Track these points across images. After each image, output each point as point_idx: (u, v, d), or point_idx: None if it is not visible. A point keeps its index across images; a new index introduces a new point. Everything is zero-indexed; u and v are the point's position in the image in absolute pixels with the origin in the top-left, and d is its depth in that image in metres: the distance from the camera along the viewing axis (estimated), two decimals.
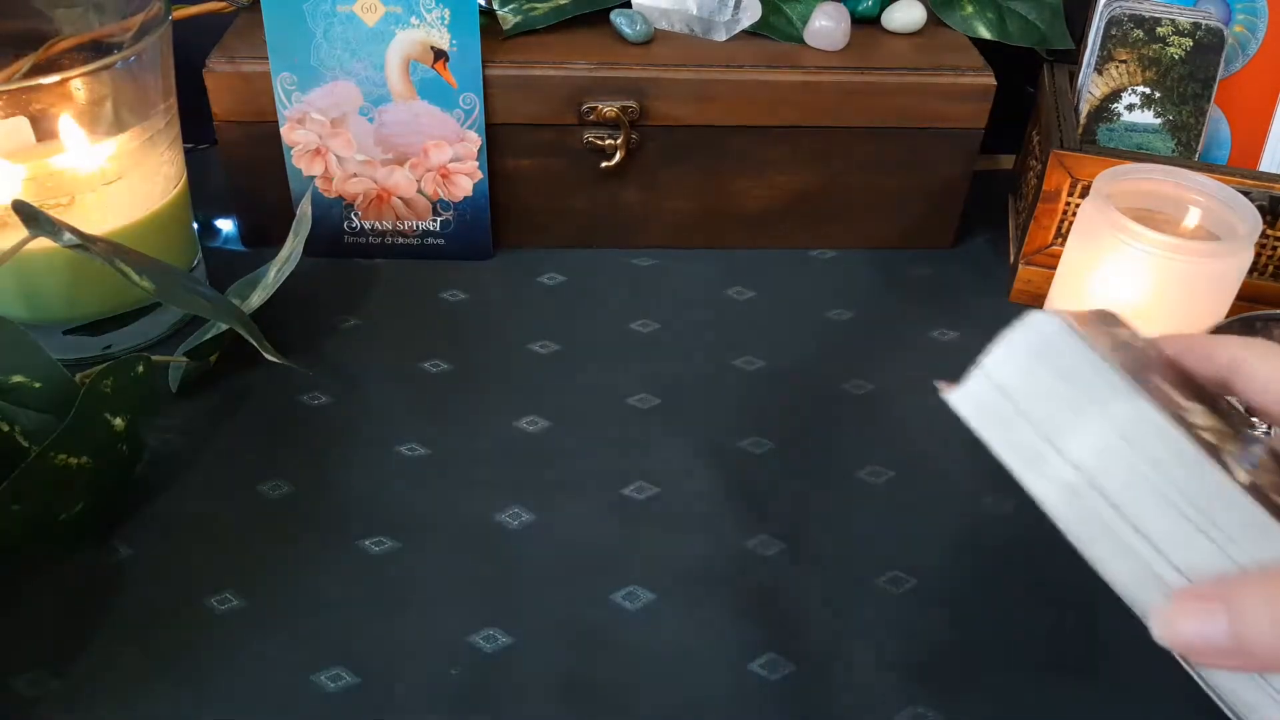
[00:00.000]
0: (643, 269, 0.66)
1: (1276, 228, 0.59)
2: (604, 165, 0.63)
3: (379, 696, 0.41)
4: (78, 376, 0.46)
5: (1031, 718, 0.42)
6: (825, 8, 0.63)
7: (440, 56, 0.59)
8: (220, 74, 0.60)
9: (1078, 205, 0.60)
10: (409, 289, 0.63)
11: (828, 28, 0.63)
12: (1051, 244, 0.62)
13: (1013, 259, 0.66)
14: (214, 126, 0.62)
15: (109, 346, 0.57)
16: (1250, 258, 0.52)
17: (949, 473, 0.52)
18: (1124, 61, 0.62)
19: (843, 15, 0.63)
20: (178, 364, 0.54)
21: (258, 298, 0.56)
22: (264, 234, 0.65)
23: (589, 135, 0.63)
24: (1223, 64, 0.61)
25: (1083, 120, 0.63)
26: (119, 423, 0.45)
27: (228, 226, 0.68)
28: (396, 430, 0.53)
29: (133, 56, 0.53)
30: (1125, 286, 0.53)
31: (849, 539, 0.49)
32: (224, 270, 0.63)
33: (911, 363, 0.59)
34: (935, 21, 0.67)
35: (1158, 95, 0.62)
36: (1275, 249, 0.59)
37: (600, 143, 0.63)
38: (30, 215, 0.46)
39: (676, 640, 0.44)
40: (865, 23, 0.67)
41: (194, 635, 0.43)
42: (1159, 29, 0.61)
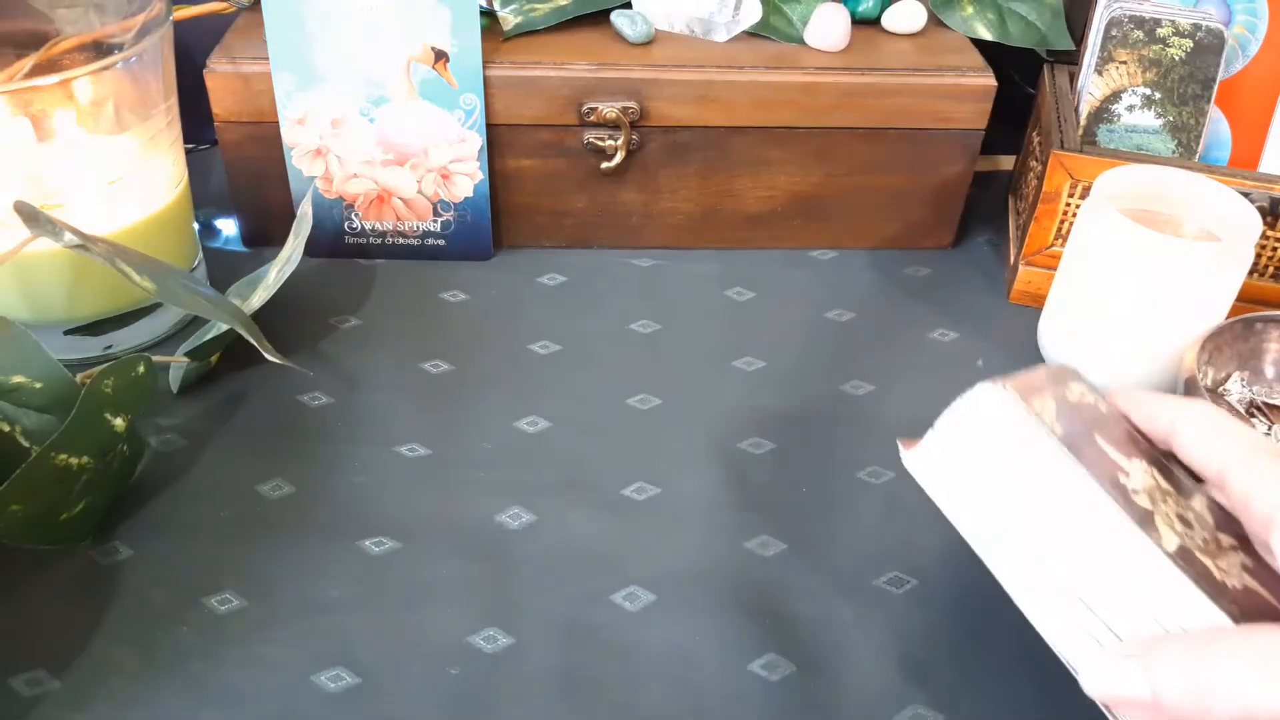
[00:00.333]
0: (643, 269, 0.66)
1: (1276, 228, 0.59)
2: (604, 166, 0.63)
3: (379, 696, 0.41)
4: (78, 376, 0.46)
5: (1031, 718, 0.42)
6: (825, 9, 0.63)
7: (441, 57, 0.59)
8: (221, 74, 0.60)
9: (1078, 206, 0.60)
10: (409, 289, 0.63)
11: (828, 29, 0.63)
12: (1051, 245, 0.62)
13: (1013, 260, 0.66)
14: (214, 127, 0.62)
15: (110, 347, 0.57)
16: (1250, 258, 0.52)
17: None
18: (1124, 62, 0.62)
19: (843, 16, 0.63)
20: (178, 364, 0.54)
21: (258, 298, 0.56)
22: (264, 234, 0.65)
23: (589, 136, 0.63)
24: (1223, 65, 0.61)
25: (1083, 121, 0.63)
26: (119, 423, 0.45)
27: (228, 227, 0.68)
28: (396, 430, 0.53)
29: (134, 57, 0.53)
30: (1125, 288, 0.53)
31: (849, 539, 0.49)
32: (224, 270, 0.63)
33: (911, 363, 0.59)
34: (935, 22, 0.67)
35: (1158, 96, 0.62)
36: (1275, 249, 0.59)
37: (600, 143, 0.63)
38: (31, 215, 0.46)
39: (676, 640, 0.44)
40: (866, 23, 0.67)
41: (194, 635, 0.43)
42: (1159, 30, 0.61)
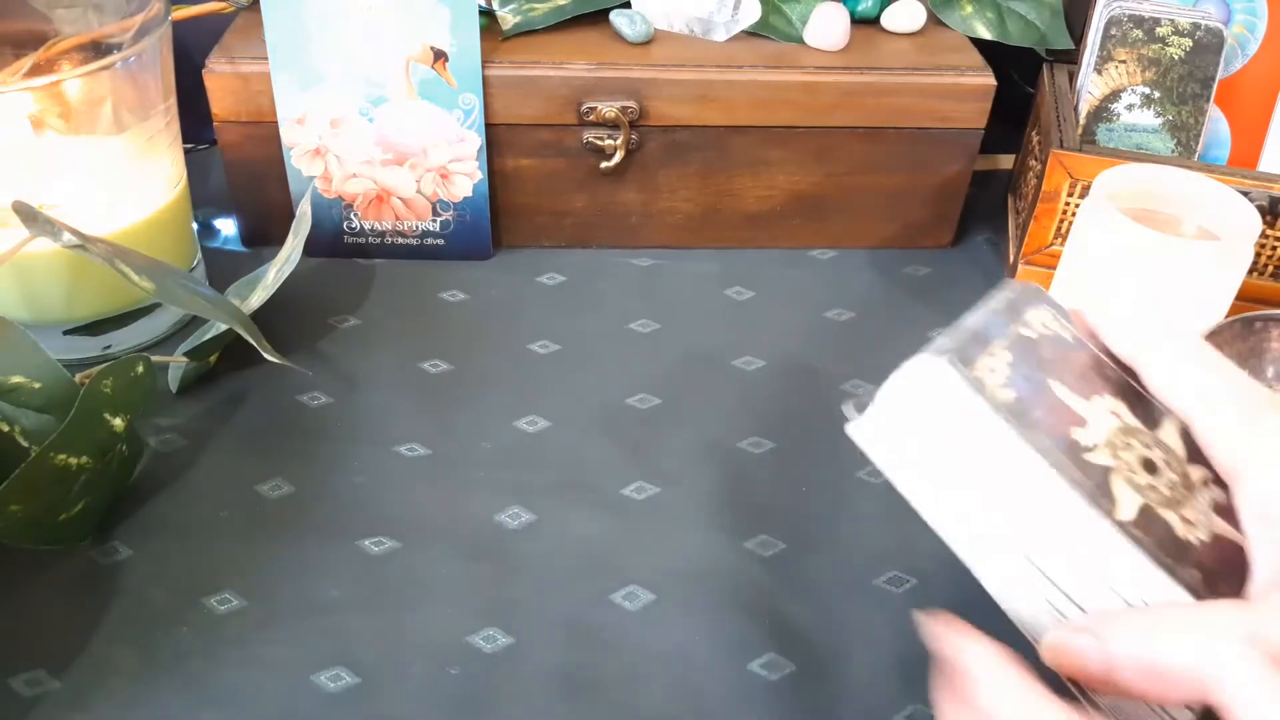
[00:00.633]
0: (643, 269, 0.66)
1: (1276, 228, 0.59)
2: (604, 165, 0.63)
3: (379, 696, 0.41)
4: (77, 377, 0.46)
5: None
6: (824, 8, 0.63)
7: (440, 56, 0.59)
8: (220, 74, 0.60)
9: (1077, 205, 0.60)
10: (409, 289, 0.63)
11: (827, 29, 0.63)
12: (1051, 244, 0.62)
13: (1012, 259, 0.66)
14: (214, 127, 0.62)
15: (109, 347, 0.57)
16: (1250, 258, 0.52)
17: None
18: (1123, 61, 0.62)
19: (842, 15, 0.63)
20: (178, 364, 0.54)
21: (258, 298, 0.56)
22: (264, 234, 0.65)
23: (589, 135, 0.63)
24: (1222, 64, 0.61)
25: (1082, 120, 0.63)
26: (119, 423, 0.45)
27: (227, 227, 0.68)
28: (396, 430, 0.53)
29: (132, 57, 0.53)
30: (1125, 286, 0.53)
31: (849, 539, 0.49)
32: (224, 270, 0.63)
33: None
34: (935, 21, 0.67)
35: (1157, 95, 0.62)
36: (1275, 249, 0.59)
37: (600, 143, 0.63)
38: (30, 215, 0.46)
39: (676, 640, 0.44)
40: (865, 23, 0.67)
41: (194, 635, 0.43)
42: (1158, 29, 0.61)
